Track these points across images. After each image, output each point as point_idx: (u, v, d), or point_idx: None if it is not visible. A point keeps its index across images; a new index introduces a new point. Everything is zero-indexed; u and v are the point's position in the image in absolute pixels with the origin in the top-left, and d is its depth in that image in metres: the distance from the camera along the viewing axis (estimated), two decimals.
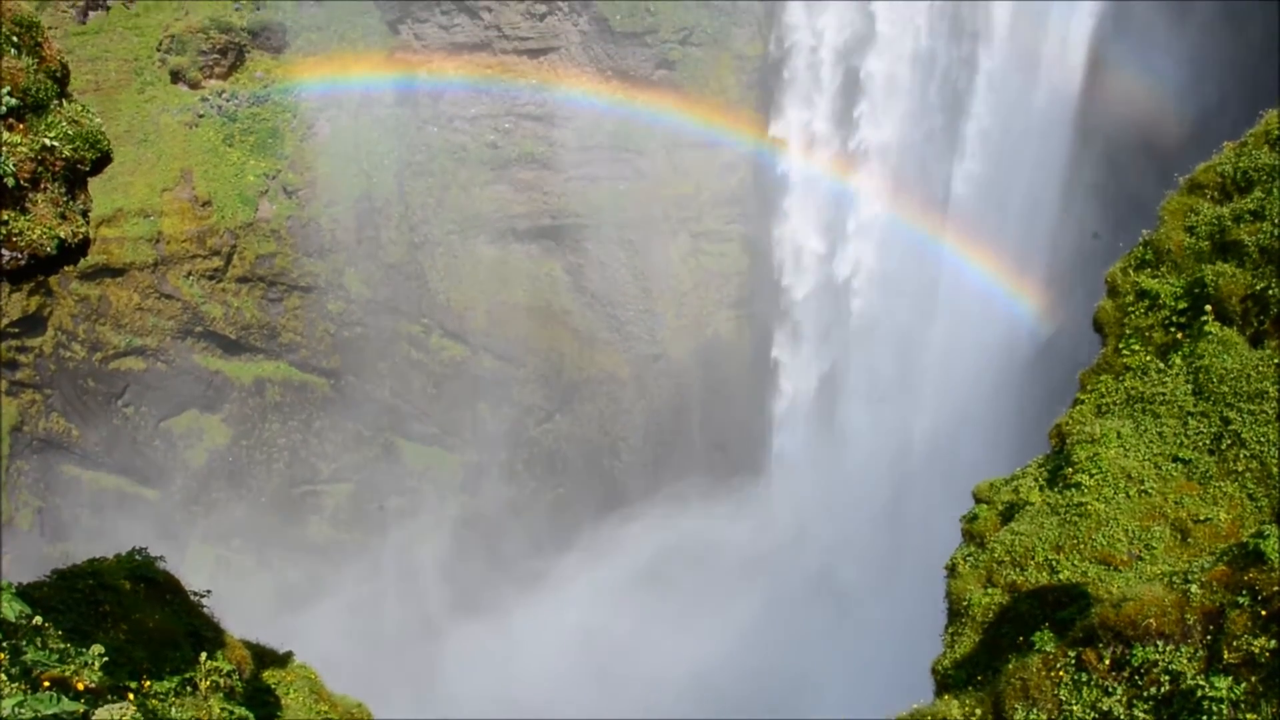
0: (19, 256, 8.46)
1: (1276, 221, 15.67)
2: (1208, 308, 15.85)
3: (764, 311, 56.46)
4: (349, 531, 61.56)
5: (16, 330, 56.14)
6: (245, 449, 60.85)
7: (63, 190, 8.87)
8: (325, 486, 62.05)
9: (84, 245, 8.92)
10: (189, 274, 57.54)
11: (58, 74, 9.08)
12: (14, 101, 8.56)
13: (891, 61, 48.09)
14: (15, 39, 8.60)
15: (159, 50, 58.58)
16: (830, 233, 52.62)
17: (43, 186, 8.72)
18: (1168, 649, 10.51)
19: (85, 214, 8.95)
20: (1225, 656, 9.96)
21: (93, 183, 9.68)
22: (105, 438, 58.90)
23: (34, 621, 7.67)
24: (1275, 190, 16.05)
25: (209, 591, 17.25)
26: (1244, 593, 10.16)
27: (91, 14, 58.92)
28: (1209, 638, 10.32)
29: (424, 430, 62.02)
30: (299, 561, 60.58)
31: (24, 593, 11.85)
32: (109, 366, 58.03)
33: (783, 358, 55.48)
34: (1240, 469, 14.35)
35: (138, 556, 16.43)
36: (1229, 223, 16.32)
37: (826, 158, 52.18)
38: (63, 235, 8.71)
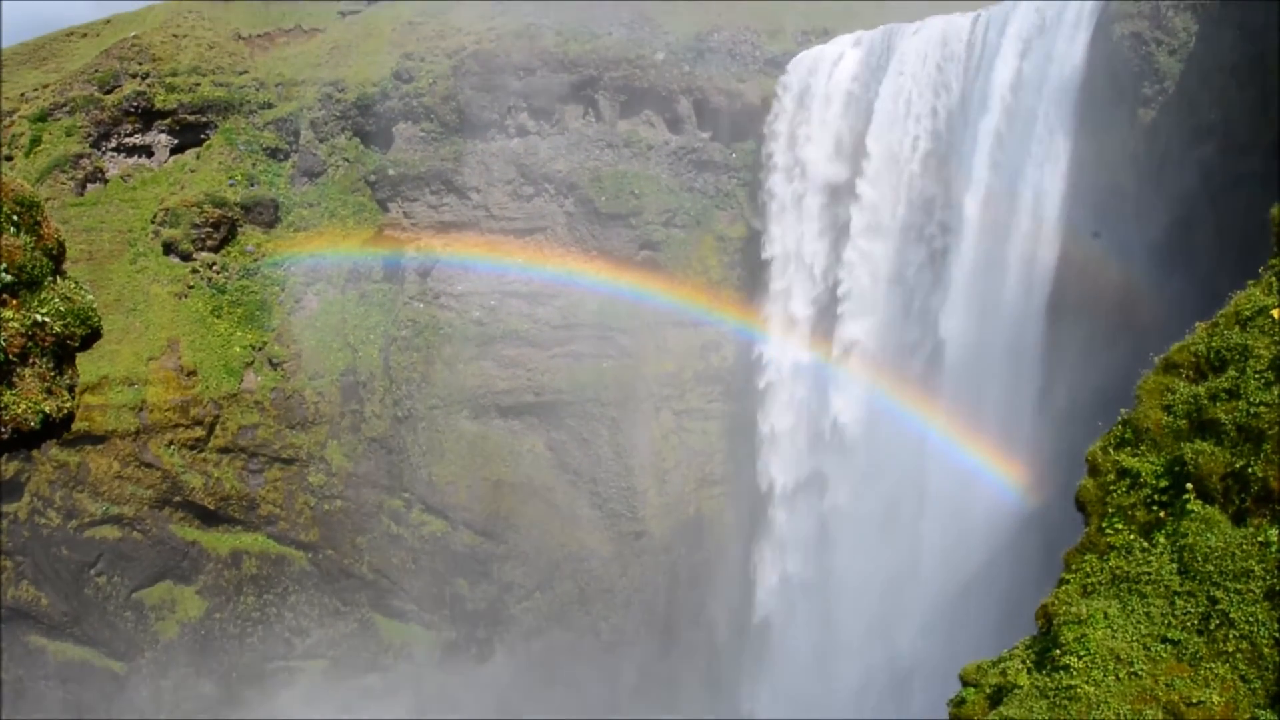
0: (2, 431, 8.44)
1: (1252, 400, 15.89)
2: (1189, 486, 15.93)
3: (747, 489, 56.28)
4: (321, 710, 59.72)
5: None
6: (219, 622, 59.51)
7: (51, 365, 8.92)
8: (299, 662, 60.50)
9: (68, 420, 8.91)
10: (170, 443, 57.33)
11: (54, 251, 9.25)
12: (8, 278, 8.69)
13: (870, 247, 49.31)
14: (15, 217, 8.79)
15: (153, 223, 59.79)
16: (812, 414, 52.94)
17: (31, 361, 8.78)
18: None
19: (71, 389, 8.98)
20: None
21: None
22: (75, 607, 57.60)
23: None
24: (1248, 369, 16.33)
25: None
26: None
27: (90, 186, 60.37)
28: None
29: (401, 606, 60.88)
30: None
31: None
32: (84, 534, 57.20)
33: (764, 553, 55.04)
34: (1230, 650, 14.20)
35: None
36: (1205, 401, 16.55)
37: (807, 342, 52.93)
38: (48, 410, 8.72)
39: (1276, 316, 16.64)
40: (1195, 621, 14.60)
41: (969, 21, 45.35)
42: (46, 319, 8.95)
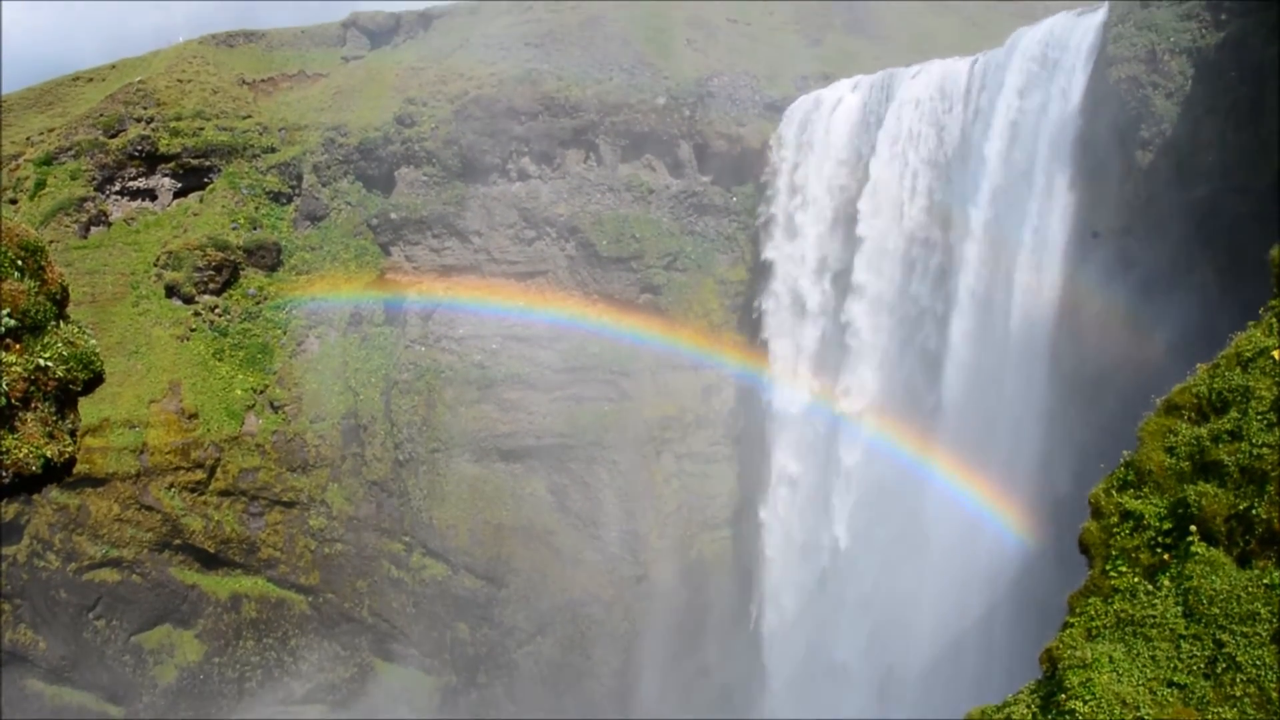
0: (4, 475, 8.40)
1: (1255, 442, 15.86)
2: (1193, 528, 15.86)
3: (749, 532, 56.07)
4: None
5: None
6: (218, 666, 59.09)
7: (53, 409, 8.90)
8: (298, 708, 59.99)
9: (69, 464, 8.87)
10: (171, 486, 57.19)
11: (57, 296, 9.25)
12: (12, 323, 8.68)
13: (871, 289, 49.45)
14: (20, 262, 8.80)
15: (156, 265, 59.98)
16: (814, 459, 52.83)
17: (33, 405, 8.75)
18: None
19: (73, 433, 8.95)
20: None
21: None
22: (73, 651, 57.22)
23: None
24: (1250, 411, 16.31)
25: None
26: None
27: (94, 229, 60.66)
28: None
29: (402, 650, 60.47)
30: None
31: None
32: (83, 577, 56.92)
33: (766, 596, 54.74)
34: (1238, 694, 14.08)
35: None
36: (1208, 443, 16.51)
37: (811, 386, 52.95)
38: (49, 454, 8.68)
39: (1277, 358, 16.64)
40: (1201, 665, 14.49)
41: (967, 65, 45.71)
42: (49, 363, 8.93)
